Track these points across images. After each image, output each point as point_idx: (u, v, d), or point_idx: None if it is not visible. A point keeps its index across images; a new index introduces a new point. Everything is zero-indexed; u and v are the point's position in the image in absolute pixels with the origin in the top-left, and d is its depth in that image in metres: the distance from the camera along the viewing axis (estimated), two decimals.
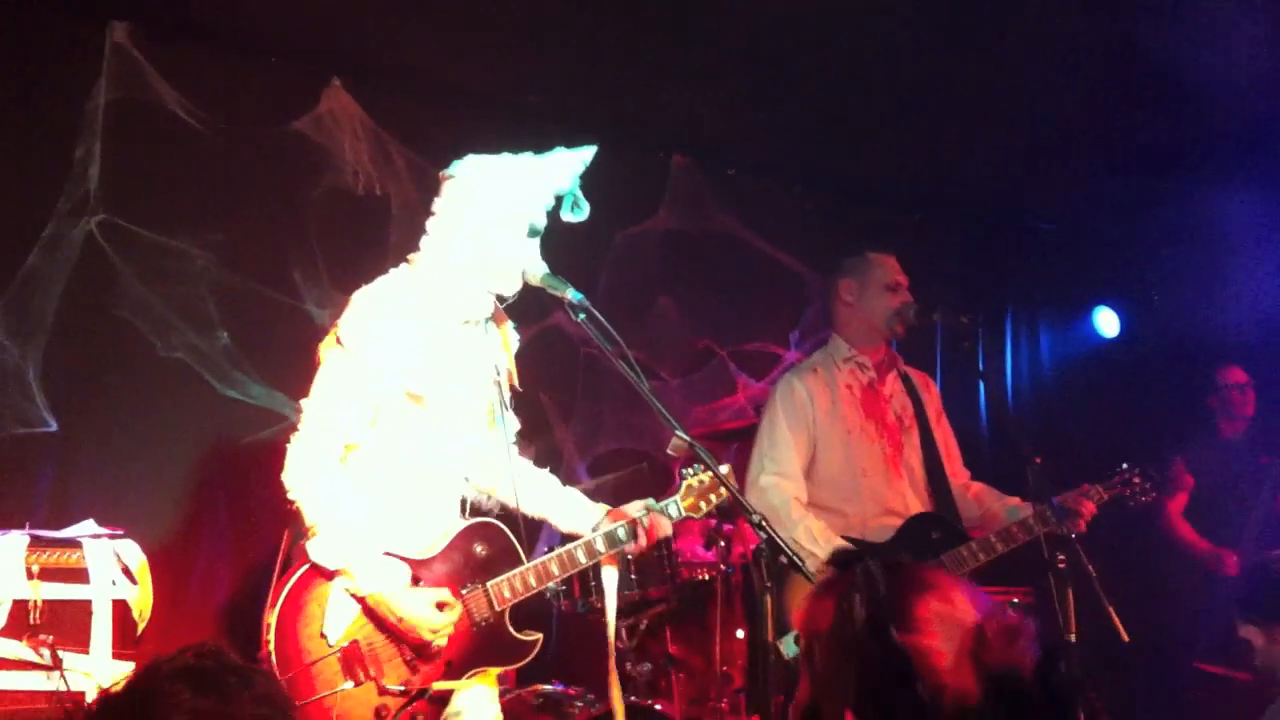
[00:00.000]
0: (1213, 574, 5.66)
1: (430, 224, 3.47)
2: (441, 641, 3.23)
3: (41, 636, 3.45)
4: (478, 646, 3.33)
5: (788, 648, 3.66)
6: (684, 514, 3.56)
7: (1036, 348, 7.43)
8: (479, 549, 3.40)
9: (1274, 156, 5.80)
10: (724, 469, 3.34)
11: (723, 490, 3.49)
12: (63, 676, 3.44)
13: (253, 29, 4.94)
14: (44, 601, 3.49)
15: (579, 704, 4.25)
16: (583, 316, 3.30)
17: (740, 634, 5.10)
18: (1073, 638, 3.63)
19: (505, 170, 3.42)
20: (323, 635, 3.18)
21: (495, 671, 3.45)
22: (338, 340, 3.33)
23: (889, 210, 6.82)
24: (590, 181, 3.46)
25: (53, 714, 3.43)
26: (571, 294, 3.33)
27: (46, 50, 4.56)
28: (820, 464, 4.31)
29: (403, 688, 3.20)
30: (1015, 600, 4.93)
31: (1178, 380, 6.36)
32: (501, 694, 4.11)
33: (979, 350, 6.95)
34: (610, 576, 3.62)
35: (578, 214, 3.45)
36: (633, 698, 4.28)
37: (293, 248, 4.97)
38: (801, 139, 6.21)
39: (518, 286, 3.44)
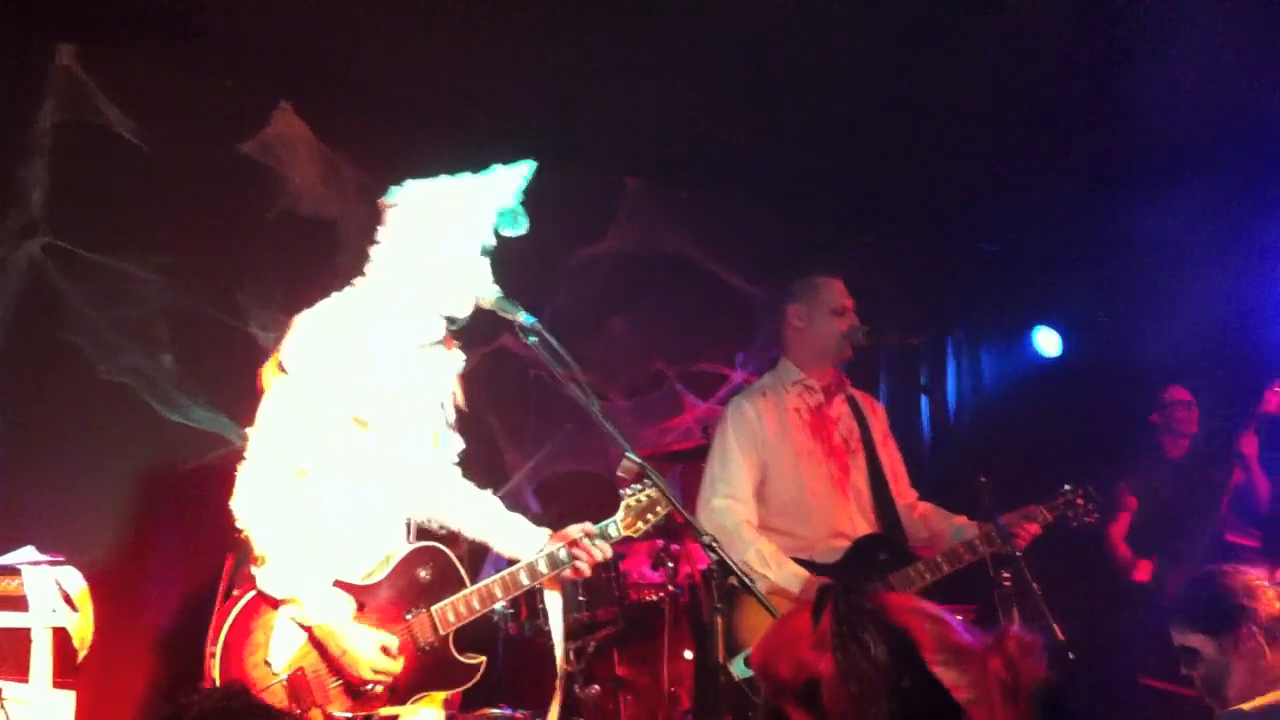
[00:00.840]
0: (1155, 591, 5.73)
1: (375, 251, 3.45)
2: (378, 688, 3.21)
3: None
4: (422, 671, 3.32)
5: (738, 669, 3.69)
6: (623, 534, 3.55)
7: (978, 366, 7.51)
8: (422, 574, 3.39)
9: (1210, 172, 5.90)
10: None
11: (660, 509, 3.50)
12: (1, 706, 3.39)
13: (202, 51, 4.93)
14: None
15: None
16: (534, 339, 3.31)
17: (688, 655, 5.10)
18: None
19: (448, 192, 3.42)
20: (267, 663, 3.16)
21: (441, 696, 3.44)
22: (280, 367, 3.31)
23: (837, 231, 6.88)
24: (544, 203, 3.47)
25: None
26: (523, 317, 3.34)
27: None
28: (770, 486, 4.34)
29: (349, 715, 3.18)
30: (959, 618, 4.97)
31: (1121, 399, 6.44)
32: (451, 718, 4.11)
33: (921, 367, 7.04)
34: (554, 600, 3.62)
35: (517, 228, 3.44)
36: None
37: (242, 270, 4.94)
38: (751, 160, 6.28)
39: (470, 308, 3.43)
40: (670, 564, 4.88)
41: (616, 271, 6.12)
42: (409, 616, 3.32)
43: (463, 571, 3.45)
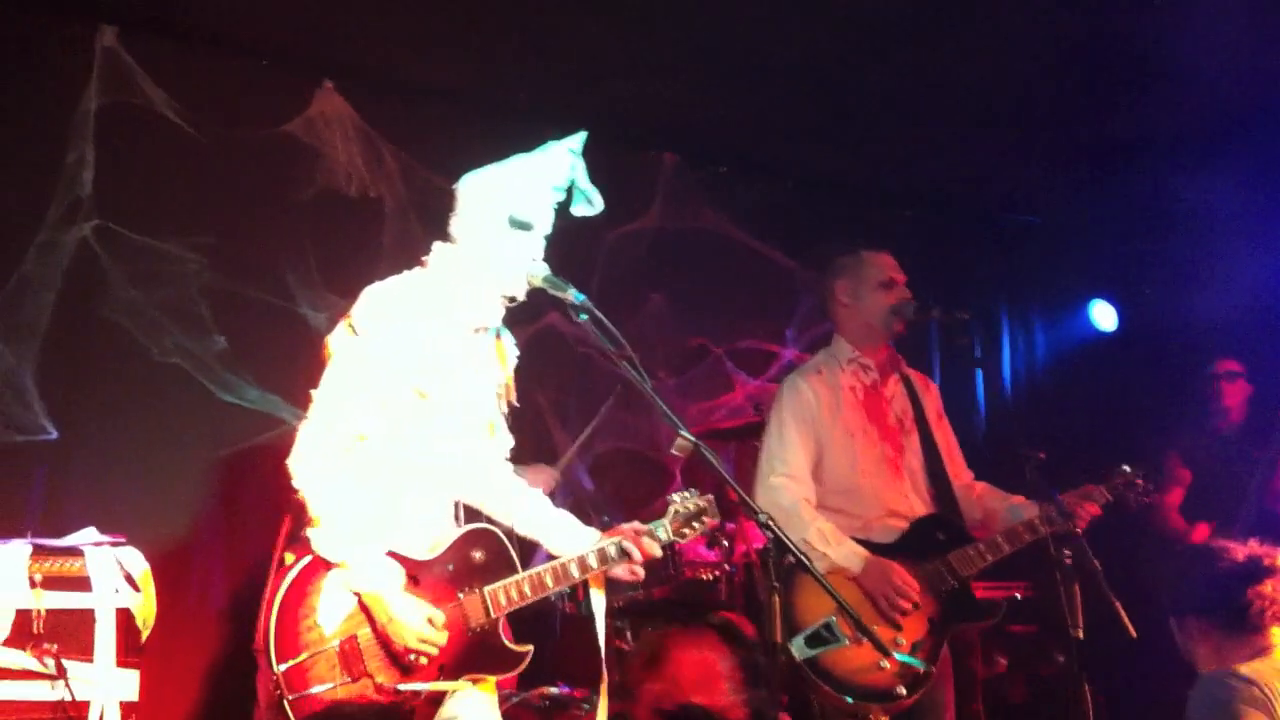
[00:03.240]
0: None
1: (449, 234, 3.46)
2: (422, 658, 3.21)
3: (45, 646, 3.45)
4: (470, 652, 3.31)
5: (798, 648, 3.67)
6: (671, 538, 3.53)
7: (1032, 343, 7.45)
8: (477, 555, 3.38)
9: (1257, 140, 5.82)
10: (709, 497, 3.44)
11: (705, 519, 3.51)
12: (67, 686, 3.42)
13: (243, 31, 4.93)
14: (47, 610, 3.48)
15: (585, 706, 4.24)
16: (584, 317, 3.29)
17: None
18: (1080, 634, 3.64)
19: (503, 175, 3.42)
20: (319, 626, 3.16)
21: (494, 679, 3.43)
22: (351, 328, 3.32)
23: (880, 207, 6.84)
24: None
25: None
26: (573, 295, 3.32)
27: (37, 55, 4.55)
28: (825, 465, 4.31)
29: (395, 687, 3.19)
30: (1016, 595, 4.95)
31: (1172, 372, 6.37)
32: (506, 698, 4.12)
33: (975, 343, 6.97)
34: (599, 600, 3.59)
35: (591, 209, 3.44)
36: None
37: (287, 250, 4.96)
38: (791, 137, 6.24)
39: (525, 286, 3.42)
40: (725, 542, 4.87)
41: (656, 248, 6.10)
42: (461, 595, 3.32)
43: (515, 556, 3.44)
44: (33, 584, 3.47)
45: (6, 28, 4.45)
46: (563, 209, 3.48)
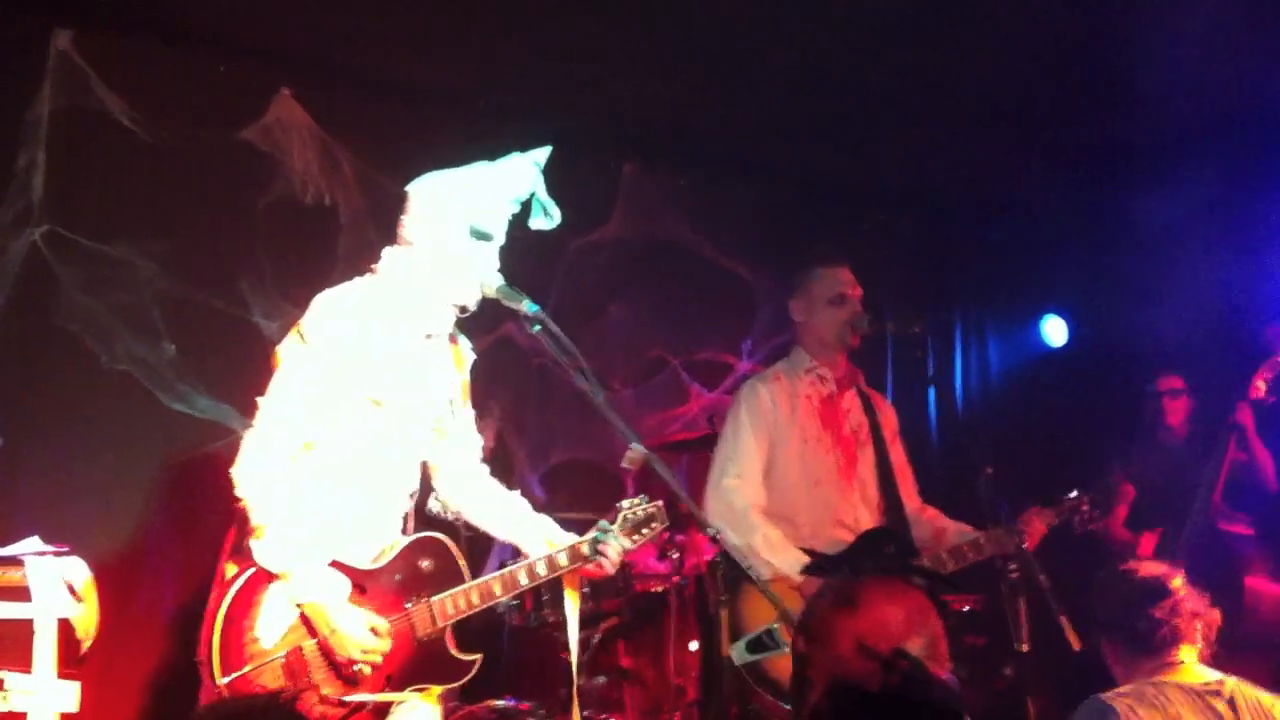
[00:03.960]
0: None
1: (399, 235, 3.45)
2: (366, 668, 3.20)
3: None
4: (417, 662, 3.30)
5: (739, 654, 3.67)
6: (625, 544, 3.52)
7: (985, 356, 7.49)
8: (424, 564, 3.38)
9: (1213, 157, 5.87)
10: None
11: (655, 524, 3.50)
12: (4, 697, 3.37)
13: (200, 37, 4.91)
14: None
15: (530, 718, 4.22)
16: (538, 328, 3.30)
17: (693, 645, 5.10)
18: (1024, 648, 3.67)
19: (463, 182, 3.43)
20: (261, 638, 3.14)
21: (438, 690, 3.42)
22: (301, 336, 3.31)
23: (840, 216, 6.85)
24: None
25: None
26: (527, 306, 3.33)
27: None
28: (776, 470, 4.33)
29: (341, 697, 3.17)
30: (967, 607, 4.98)
31: (1121, 387, 6.43)
32: (453, 710, 4.10)
33: (929, 358, 7.01)
34: (571, 605, 3.58)
35: (549, 222, 3.46)
36: (586, 712, 4.27)
37: (241, 258, 4.91)
38: (751, 142, 6.25)
39: (479, 296, 3.43)
40: (676, 555, 4.87)
41: (615, 258, 6.10)
42: (409, 605, 3.31)
43: (463, 565, 3.43)
44: None
45: None
46: (518, 220, 3.49)
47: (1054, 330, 7.04)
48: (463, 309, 3.47)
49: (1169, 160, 5.92)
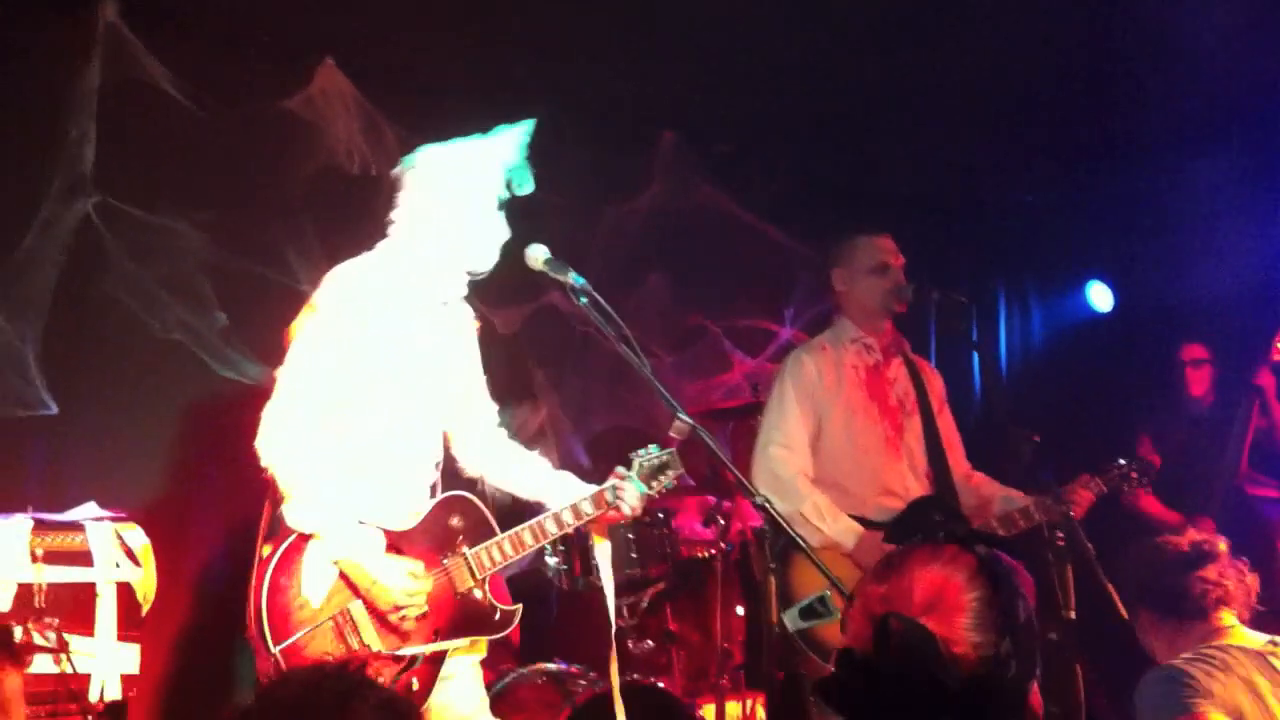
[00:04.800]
0: None
1: (396, 214, 3.51)
2: (414, 612, 3.25)
3: (46, 619, 3.47)
4: (461, 615, 3.37)
5: (791, 621, 3.70)
6: (645, 490, 3.57)
7: (1029, 323, 7.45)
8: (455, 521, 3.44)
9: (1253, 124, 5.81)
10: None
11: (670, 472, 3.55)
12: (68, 659, 3.45)
13: (245, 7, 4.91)
14: (48, 585, 3.51)
15: (582, 682, 4.27)
16: (584, 300, 3.33)
17: (740, 610, 5.14)
18: (1071, 615, 3.67)
19: (462, 154, 3.48)
20: (308, 603, 3.20)
21: (483, 643, 3.49)
22: (313, 308, 3.38)
23: (878, 192, 6.82)
24: (581, 157, 3.49)
25: (58, 696, 3.44)
26: (573, 278, 3.37)
27: (38, 32, 4.53)
28: (824, 440, 4.34)
29: (394, 654, 3.23)
30: None
31: (1159, 355, 6.39)
32: (505, 674, 4.16)
33: (972, 326, 6.98)
34: (604, 551, 3.65)
35: (522, 188, 3.49)
36: (634, 675, 4.32)
37: (287, 227, 4.95)
38: (788, 119, 6.22)
39: (492, 262, 3.49)
40: (721, 521, 4.90)
41: (653, 226, 6.09)
42: (446, 561, 3.36)
43: (492, 519, 3.50)
44: (34, 558, 3.51)
45: (9, 5, 4.43)
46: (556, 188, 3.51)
47: (1099, 296, 6.99)
48: (473, 274, 3.51)
49: (1205, 125, 5.90)
